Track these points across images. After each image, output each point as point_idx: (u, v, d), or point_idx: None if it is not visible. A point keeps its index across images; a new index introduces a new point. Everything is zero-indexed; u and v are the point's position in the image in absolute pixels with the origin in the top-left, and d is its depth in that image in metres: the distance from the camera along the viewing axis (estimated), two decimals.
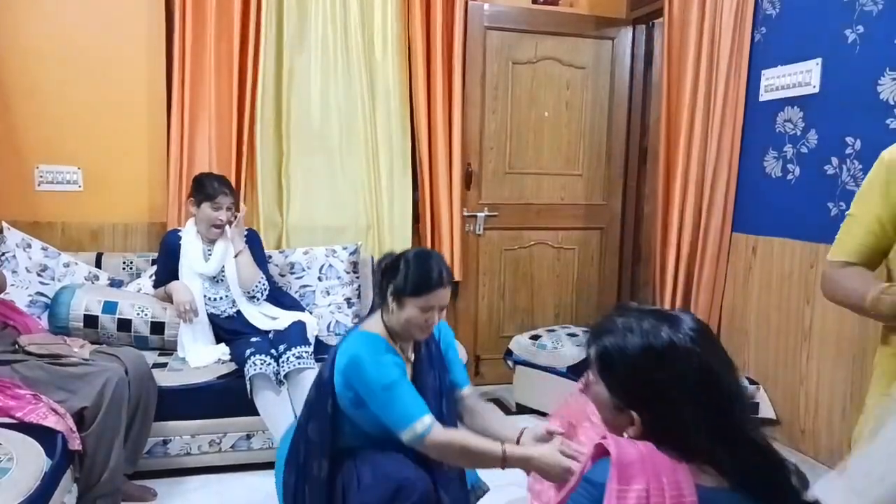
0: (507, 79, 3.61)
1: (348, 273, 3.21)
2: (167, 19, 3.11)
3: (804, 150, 2.64)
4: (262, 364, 2.49)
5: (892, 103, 2.27)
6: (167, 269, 2.79)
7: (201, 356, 2.67)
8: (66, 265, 2.93)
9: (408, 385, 1.66)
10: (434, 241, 3.46)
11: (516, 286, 3.78)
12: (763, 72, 2.83)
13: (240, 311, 2.79)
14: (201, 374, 2.59)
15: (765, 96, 2.83)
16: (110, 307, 2.70)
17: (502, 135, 3.65)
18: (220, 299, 2.80)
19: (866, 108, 2.35)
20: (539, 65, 3.65)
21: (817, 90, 2.57)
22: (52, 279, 2.87)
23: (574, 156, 3.78)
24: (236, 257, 2.78)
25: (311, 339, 2.65)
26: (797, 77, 2.66)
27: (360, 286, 3.23)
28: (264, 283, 2.81)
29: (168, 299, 2.75)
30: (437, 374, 1.83)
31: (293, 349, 2.54)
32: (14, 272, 2.78)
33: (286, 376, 2.52)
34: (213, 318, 2.79)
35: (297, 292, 3.12)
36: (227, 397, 2.54)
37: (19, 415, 1.96)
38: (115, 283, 2.99)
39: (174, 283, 2.73)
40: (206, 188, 2.75)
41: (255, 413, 2.51)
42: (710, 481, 1.00)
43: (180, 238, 2.80)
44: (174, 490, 2.46)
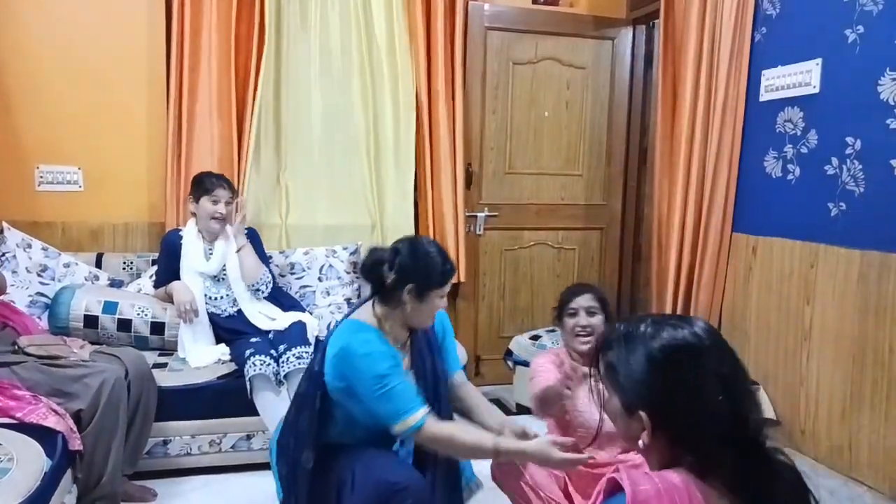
0: (507, 79, 3.61)
1: (348, 273, 3.21)
2: (167, 20, 3.11)
3: (804, 150, 2.64)
4: (261, 364, 2.49)
5: (893, 103, 2.27)
6: (168, 269, 2.79)
7: (201, 356, 2.68)
8: (67, 265, 2.93)
9: (400, 377, 1.66)
10: (443, 241, 3.45)
11: (516, 286, 3.78)
12: (763, 72, 2.83)
13: (241, 311, 2.79)
14: (201, 375, 2.59)
15: (765, 96, 2.82)
16: (110, 307, 2.70)
17: (502, 135, 3.65)
18: (222, 298, 2.80)
19: (867, 108, 2.35)
20: (539, 65, 3.65)
21: (817, 90, 2.57)
22: (53, 279, 2.87)
23: (574, 156, 3.78)
24: (239, 252, 2.79)
25: (312, 340, 2.66)
26: (797, 77, 2.65)
27: (359, 286, 3.23)
28: (268, 277, 2.83)
29: (168, 299, 2.75)
30: (434, 359, 1.87)
31: (293, 349, 2.54)
32: (14, 272, 2.79)
33: (286, 376, 2.52)
34: (213, 318, 2.79)
35: (297, 293, 3.12)
36: (227, 397, 2.55)
37: (19, 415, 1.96)
38: (116, 284, 2.99)
39: (175, 283, 2.73)
40: (204, 183, 2.78)
41: (255, 413, 2.51)
42: None
43: (181, 238, 2.80)
44: (174, 490, 2.46)
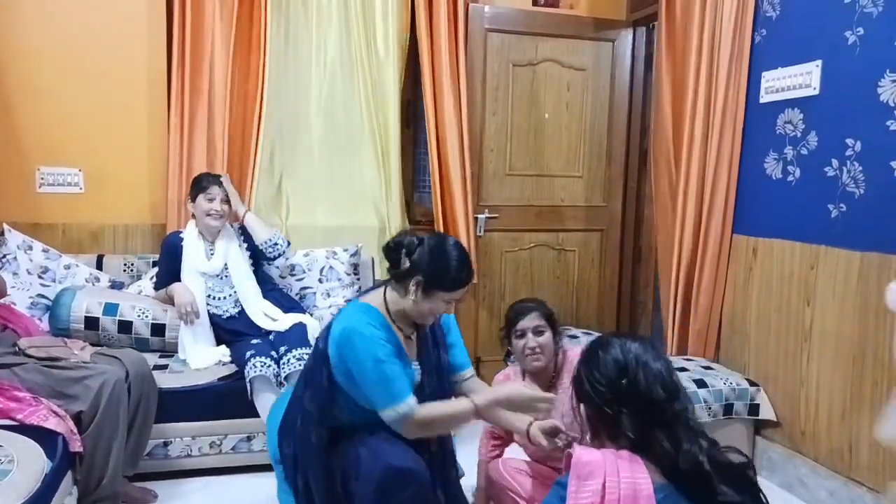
0: (507, 80, 3.61)
1: (349, 275, 3.21)
2: (167, 20, 3.11)
3: (804, 151, 2.64)
4: (262, 366, 2.49)
5: (893, 105, 2.27)
6: (168, 271, 2.79)
7: (202, 358, 2.68)
8: (67, 267, 2.93)
9: (396, 364, 1.67)
10: None
11: (517, 288, 3.78)
12: (763, 74, 2.83)
13: (242, 311, 2.79)
14: (202, 376, 2.59)
15: (765, 98, 2.83)
16: (111, 309, 2.70)
17: (503, 136, 3.65)
18: (224, 298, 2.80)
19: (866, 109, 2.35)
20: (539, 66, 3.65)
21: (817, 92, 2.57)
22: (53, 281, 2.87)
23: (574, 157, 3.78)
24: (244, 219, 2.88)
25: (312, 341, 2.65)
26: (797, 79, 2.66)
27: (360, 288, 3.23)
28: (281, 235, 2.92)
29: (169, 301, 2.75)
30: (440, 352, 1.88)
31: (294, 351, 2.54)
32: (15, 274, 2.79)
33: (287, 378, 2.52)
34: (214, 319, 2.79)
35: (297, 294, 3.12)
36: (228, 399, 2.55)
37: (20, 417, 1.96)
38: (116, 285, 2.99)
39: (175, 285, 2.73)
40: (200, 182, 2.81)
41: (256, 415, 2.51)
42: (659, 479, 1.18)
43: (182, 239, 2.81)
44: (175, 492, 2.46)
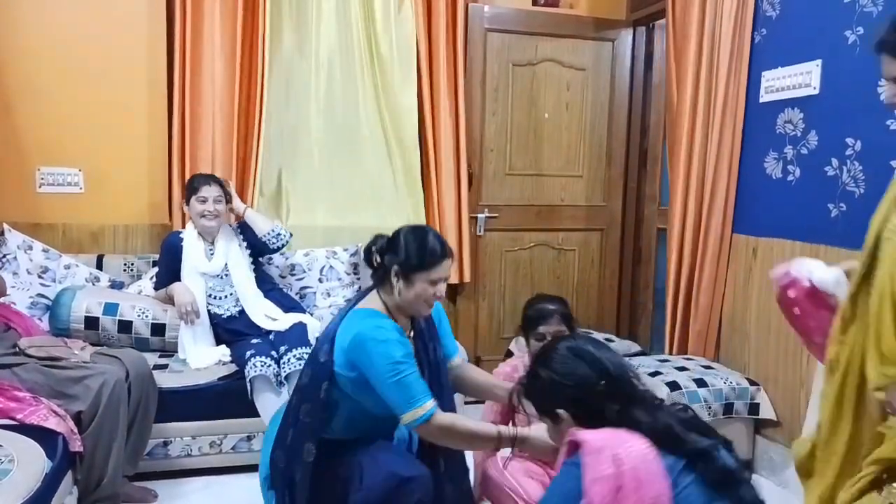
0: (507, 80, 3.62)
1: (349, 274, 3.21)
2: (168, 20, 3.12)
3: (804, 151, 2.64)
4: (262, 366, 2.49)
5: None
6: (168, 271, 2.79)
7: (202, 357, 2.68)
8: (67, 267, 2.93)
9: (413, 366, 1.67)
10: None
11: (517, 287, 3.78)
12: (763, 73, 2.83)
13: (242, 311, 2.79)
14: (202, 376, 2.59)
15: (765, 98, 2.83)
16: (111, 309, 2.70)
17: (502, 136, 3.65)
18: (225, 298, 2.80)
19: (866, 109, 2.35)
20: (539, 66, 3.66)
21: (817, 91, 2.57)
22: (53, 281, 2.87)
23: (574, 157, 3.78)
24: (245, 214, 2.89)
25: (312, 341, 2.65)
26: (797, 78, 2.66)
27: (360, 287, 3.23)
28: (282, 227, 2.93)
29: (169, 301, 2.75)
30: (434, 346, 1.88)
31: (294, 350, 2.54)
32: (15, 274, 2.79)
33: (287, 378, 2.52)
34: (214, 319, 2.79)
35: (297, 294, 3.12)
36: (228, 399, 2.55)
37: (20, 416, 1.96)
38: (116, 285, 2.99)
39: (175, 285, 2.73)
40: (192, 183, 2.80)
41: (256, 414, 2.51)
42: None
43: (182, 240, 2.81)
44: (175, 491, 2.46)
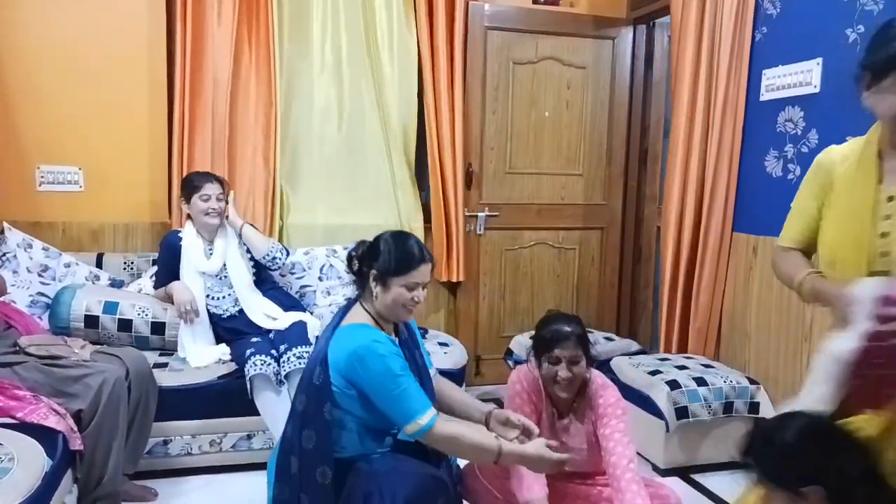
0: (507, 79, 3.61)
1: (349, 273, 3.20)
2: (168, 19, 3.11)
3: (805, 149, 2.64)
4: (262, 364, 2.49)
5: None
6: (168, 270, 2.79)
7: (202, 356, 2.68)
8: (67, 265, 2.93)
9: (411, 377, 1.67)
10: (448, 240, 3.47)
11: (517, 286, 3.78)
12: (764, 71, 2.83)
13: (242, 311, 2.79)
14: (202, 375, 2.59)
15: (765, 96, 2.83)
16: (111, 307, 2.71)
17: (503, 135, 3.65)
18: (224, 298, 2.80)
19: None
20: (539, 65, 3.65)
21: (818, 90, 2.57)
22: (53, 279, 2.87)
23: (574, 156, 3.78)
24: (241, 232, 2.82)
25: (312, 340, 2.65)
26: (798, 77, 2.66)
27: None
28: (278, 245, 2.89)
29: (168, 300, 2.75)
30: (419, 353, 1.88)
31: (294, 349, 2.54)
32: (15, 272, 2.79)
33: (287, 376, 2.52)
34: (214, 318, 2.79)
35: (297, 292, 3.12)
36: (228, 397, 2.55)
37: (20, 415, 1.96)
38: (116, 284, 2.99)
39: (174, 284, 2.73)
40: (193, 181, 2.78)
41: (256, 413, 2.51)
42: None
43: (181, 238, 2.80)
44: (175, 490, 2.46)
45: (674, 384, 2.66)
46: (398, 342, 1.81)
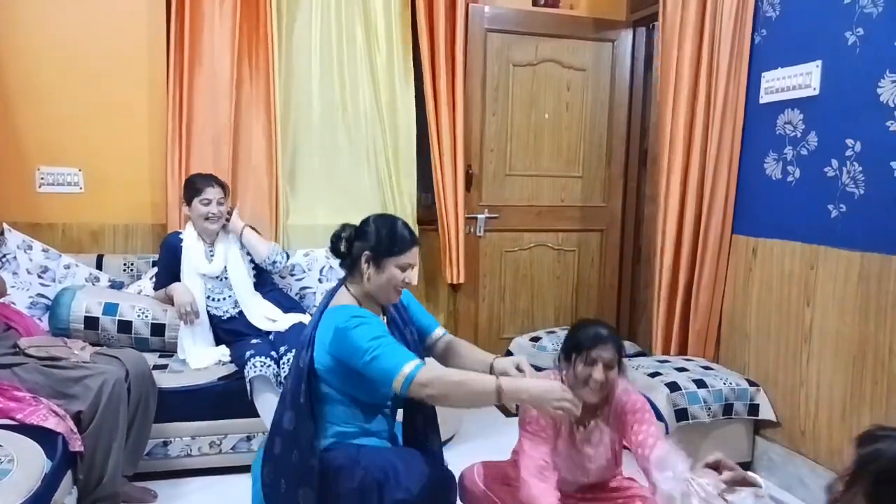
0: (507, 81, 3.62)
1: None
2: (167, 20, 3.11)
3: (804, 152, 2.64)
4: (262, 366, 2.49)
5: (893, 105, 2.27)
6: (168, 271, 2.79)
7: (201, 358, 2.68)
8: (67, 267, 2.93)
9: (390, 337, 1.66)
10: (448, 242, 3.47)
11: (517, 288, 3.78)
12: (763, 74, 2.83)
13: (241, 312, 2.79)
14: (201, 376, 2.59)
15: (765, 98, 2.83)
16: (111, 309, 2.70)
17: (502, 136, 3.65)
18: (224, 299, 2.80)
19: (866, 110, 2.35)
20: (539, 67, 3.66)
21: (817, 92, 2.58)
22: (53, 281, 2.87)
23: (574, 157, 3.78)
24: (242, 235, 2.82)
25: None
26: (797, 79, 2.66)
27: None
28: (279, 248, 2.90)
29: (168, 301, 2.75)
30: (410, 329, 1.89)
31: (294, 351, 2.54)
32: (15, 274, 2.79)
33: (286, 378, 2.52)
34: (214, 320, 2.79)
35: (297, 294, 3.12)
36: (228, 399, 2.55)
37: (20, 416, 1.96)
38: (116, 285, 2.99)
39: (175, 285, 2.73)
40: (195, 184, 2.78)
41: (256, 414, 2.51)
42: None
43: (181, 240, 2.80)
44: (174, 492, 2.46)
45: (673, 386, 2.66)
46: (386, 322, 1.83)
